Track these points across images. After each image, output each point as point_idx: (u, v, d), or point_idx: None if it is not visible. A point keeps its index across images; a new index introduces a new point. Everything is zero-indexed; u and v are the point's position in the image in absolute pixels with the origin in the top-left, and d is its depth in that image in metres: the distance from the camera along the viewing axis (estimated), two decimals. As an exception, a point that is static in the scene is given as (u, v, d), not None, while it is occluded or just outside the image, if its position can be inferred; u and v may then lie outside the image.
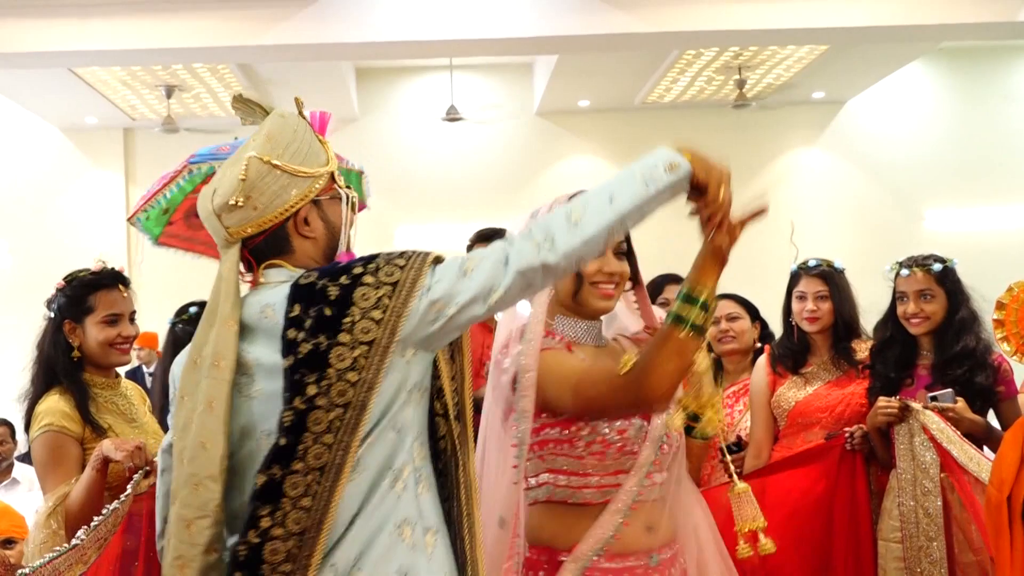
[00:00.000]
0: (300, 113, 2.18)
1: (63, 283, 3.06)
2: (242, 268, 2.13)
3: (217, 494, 1.96)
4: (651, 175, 2.02)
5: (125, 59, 8.68)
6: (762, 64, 10.19)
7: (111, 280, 3.07)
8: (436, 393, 2.11)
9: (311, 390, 1.94)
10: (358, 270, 2.00)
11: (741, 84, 10.48)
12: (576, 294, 2.45)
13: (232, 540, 1.98)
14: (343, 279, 1.99)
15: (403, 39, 8.25)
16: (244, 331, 2.04)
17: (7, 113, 11.00)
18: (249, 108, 2.19)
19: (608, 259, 2.42)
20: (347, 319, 1.95)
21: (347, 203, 2.18)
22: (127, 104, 10.53)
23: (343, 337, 1.94)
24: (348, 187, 2.21)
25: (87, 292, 3.02)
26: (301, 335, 1.97)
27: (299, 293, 2.01)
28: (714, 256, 2.23)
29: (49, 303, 3.06)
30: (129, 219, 3.25)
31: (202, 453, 1.97)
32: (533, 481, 2.45)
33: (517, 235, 2.01)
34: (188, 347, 2.10)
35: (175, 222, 3.46)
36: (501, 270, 1.97)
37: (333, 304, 1.97)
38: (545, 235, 1.97)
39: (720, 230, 2.21)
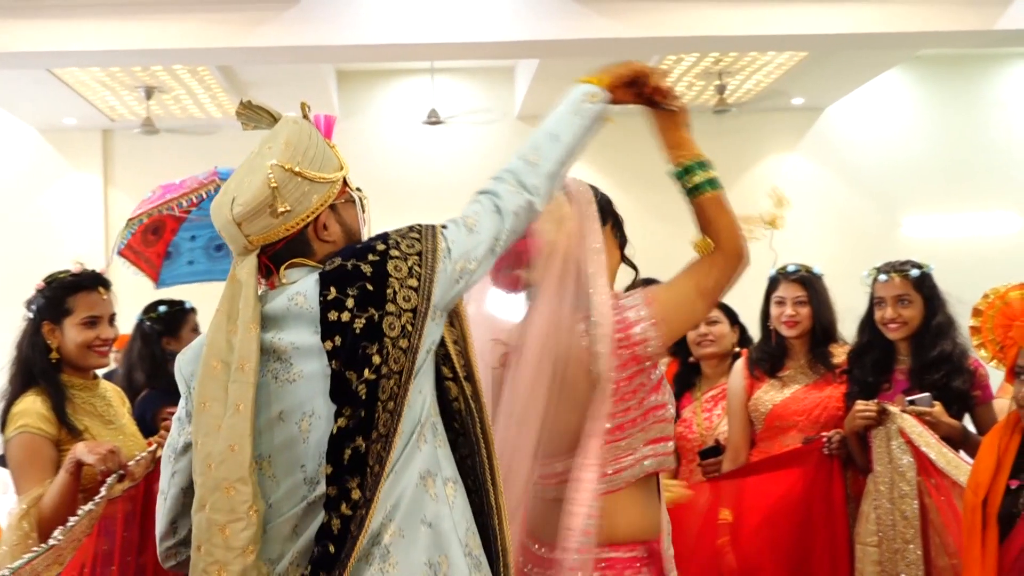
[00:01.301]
0: (306, 117, 2.21)
1: (43, 284, 3.05)
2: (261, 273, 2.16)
3: (248, 496, 1.97)
4: (579, 109, 2.30)
5: (104, 60, 8.63)
6: (742, 70, 10.23)
7: (91, 282, 3.06)
8: (443, 359, 2.18)
9: (376, 359, 2.00)
10: (381, 247, 2.08)
11: (721, 90, 10.52)
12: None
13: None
14: (371, 256, 2.06)
15: (384, 42, 8.24)
16: (271, 322, 2.07)
17: (-17, 114, 10.94)
18: (255, 114, 2.21)
19: None
20: (389, 289, 2.03)
21: (360, 205, 2.24)
22: (106, 105, 10.47)
23: (390, 307, 2.02)
24: (359, 190, 2.26)
25: (66, 293, 3.01)
26: (346, 314, 2.02)
27: (330, 277, 2.06)
28: (676, 121, 2.50)
29: (28, 304, 3.05)
30: (132, 218, 3.27)
31: (231, 457, 1.99)
32: (629, 460, 2.39)
33: (490, 188, 2.18)
34: (196, 347, 2.15)
35: (136, 234, 3.49)
36: (498, 218, 2.15)
37: (371, 279, 2.04)
38: (515, 180, 2.18)
39: (667, 97, 2.46)
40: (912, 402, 3.42)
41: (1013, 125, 11.92)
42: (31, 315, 3.03)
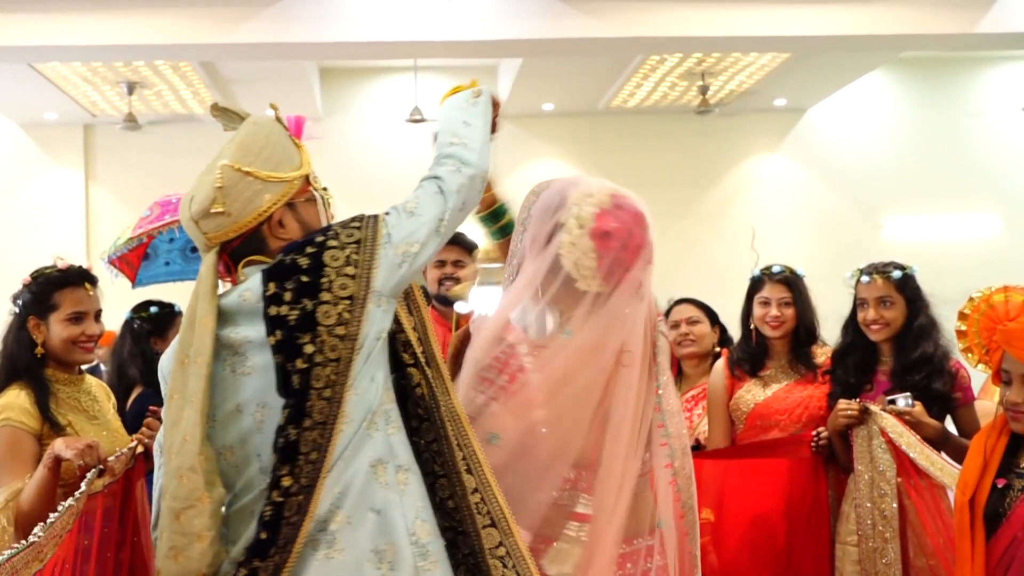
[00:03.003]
0: (278, 118, 2.28)
1: (29, 279, 3.05)
2: (223, 270, 2.24)
3: (200, 484, 2.04)
4: (469, 102, 2.40)
5: (86, 55, 8.59)
6: (725, 71, 10.26)
7: (77, 278, 3.06)
8: (403, 346, 2.23)
9: (308, 349, 2.06)
10: (320, 238, 2.14)
11: (704, 90, 10.54)
12: None
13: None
14: (309, 249, 2.13)
15: (367, 40, 8.23)
16: (227, 318, 2.15)
17: (-36, 108, 10.87)
18: (227, 116, 2.30)
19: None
20: (324, 279, 2.10)
21: (323, 204, 2.29)
22: (88, 100, 10.42)
23: (324, 296, 2.08)
24: (324, 188, 2.32)
25: (53, 289, 3.01)
26: (284, 308, 2.08)
27: (270, 273, 2.13)
28: None
29: (15, 298, 3.05)
30: (132, 237, 3.31)
31: (184, 446, 2.06)
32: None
33: (431, 173, 2.26)
34: (174, 347, 2.19)
35: (133, 249, 3.54)
36: (441, 199, 2.21)
37: (307, 271, 2.10)
38: (453, 160, 2.26)
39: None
40: (892, 402, 3.43)
41: (995, 127, 12.00)
42: (17, 310, 3.02)
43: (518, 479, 2.31)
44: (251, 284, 2.15)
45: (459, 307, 4.04)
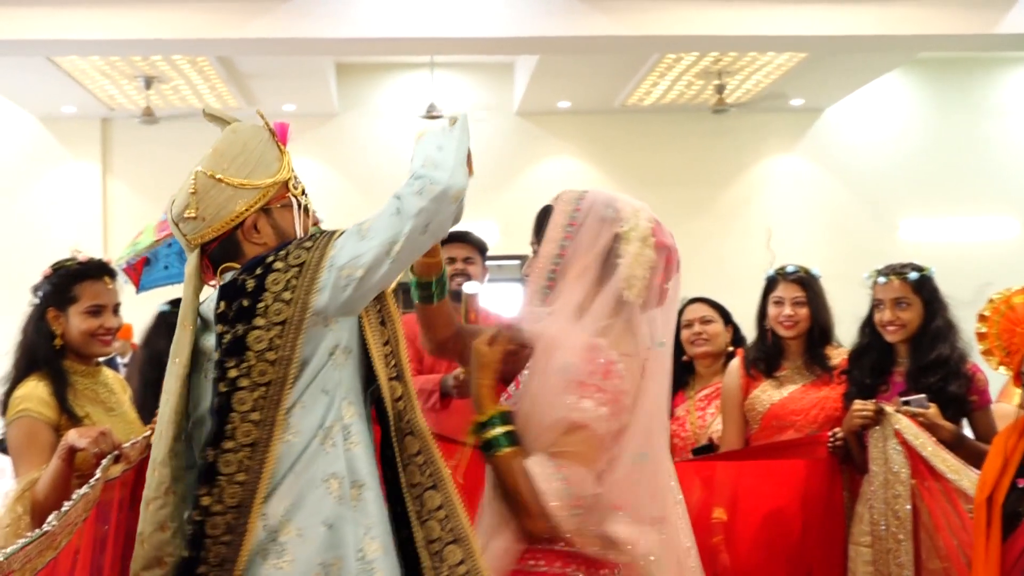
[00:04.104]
0: (266, 124, 2.34)
1: (50, 271, 3.07)
2: (207, 273, 2.33)
3: (167, 478, 2.18)
4: (445, 131, 2.24)
5: (104, 49, 8.64)
6: (742, 70, 10.25)
7: (97, 271, 3.08)
8: (386, 358, 2.28)
9: (232, 373, 2.13)
10: (270, 259, 2.19)
11: (720, 89, 10.53)
12: None
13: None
14: (258, 270, 2.19)
15: (384, 36, 8.24)
16: (204, 323, 2.26)
17: (-17, 100, 10.93)
18: (217, 122, 2.38)
19: None
20: (261, 304, 2.15)
21: (299, 209, 2.33)
22: (105, 94, 10.47)
23: (258, 321, 2.14)
24: (304, 194, 2.37)
25: (72, 282, 3.03)
26: (225, 327, 2.16)
27: (224, 291, 2.20)
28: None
29: (35, 290, 3.07)
30: (159, 239, 3.35)
31: (158, 442, 2.20)
32: None
33: (397, 192, 2.17)
34: None
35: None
36: (397, 221, 2.14)
37: (249, 294, 2.16)
38: (419, 180, 2.14)
39: None
40: (907, 403, 3.42)
41: (1013, 129, 11.95)
42: (37, 301, 3.05)
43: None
44: (213, 297, 2.23)
45: (468, 287, 4.11)
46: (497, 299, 4.48)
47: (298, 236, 2.30)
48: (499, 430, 2.29)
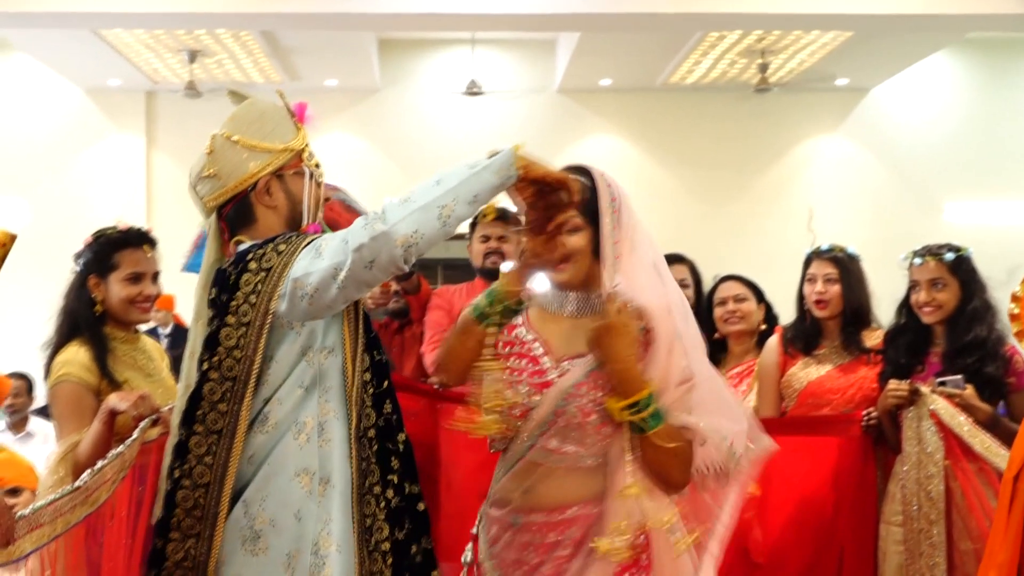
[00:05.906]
0: (285, 104, 2.47)
1: (91, 239, 3.15)
2: (225, 240, 2.46)
3: (172, 461, 2.34)
4: (475, 162, 2.17)
5: (148, 22, 8.71)
6: (785, 49, 10.15)
7: (137, 240, 3.15)
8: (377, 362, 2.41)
9: (205, 364, 2.27)
10: (249, 256, 2.29)
11: (764, 68, 10.45)
12: None
13: None
14: (240, 266, 2.28)
15: (426, 11, 8.25)
16: None
17: (31, 72, 11.05)
18: (240, 99, 2.52)
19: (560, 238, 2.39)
20: (234, 303, 2.27)
21: (310, 179, 2.44)
22: (150, 68, 10.55)
23: (229, 319, 2.27)
24: (317, 167, 2.46)
25: (113, 249, 3.10)
26: (213, 313, 2.31)
27: (216, 278, 2.33)
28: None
29: (76, 257, 3.14)
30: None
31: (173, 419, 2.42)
32: None
33: (357, 220, 2.20)
34: None
35: None
36: (343, 249, 2.15)
37: (227, 289, 2.28)
38: (379, 213, 2.14)
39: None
40: (943, 383, 3.41)
41: (1061, 112, 11.77)
42: (78, 268, 3.11)
43: None
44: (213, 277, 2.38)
45: (505, 267, 4.10)
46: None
47: (305, 206, 2.43)
48: (653, 408, 2.22)
